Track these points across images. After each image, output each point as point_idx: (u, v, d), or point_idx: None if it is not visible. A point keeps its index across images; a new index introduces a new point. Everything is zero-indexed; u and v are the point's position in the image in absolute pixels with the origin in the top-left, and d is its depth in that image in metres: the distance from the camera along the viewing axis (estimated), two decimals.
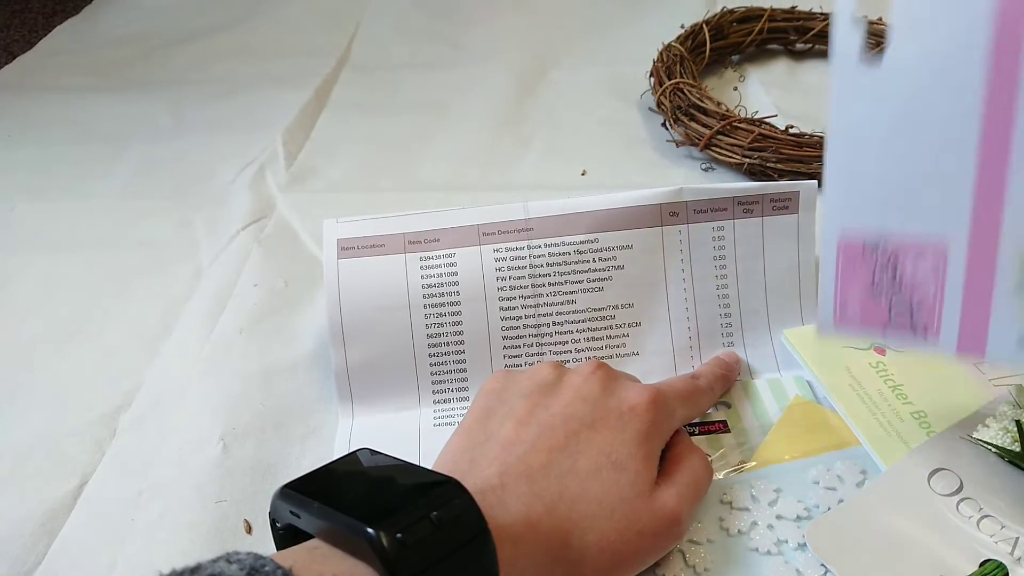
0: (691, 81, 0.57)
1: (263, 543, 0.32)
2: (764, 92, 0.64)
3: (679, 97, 0.57)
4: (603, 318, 0.39)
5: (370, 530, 0.21)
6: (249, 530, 0.33)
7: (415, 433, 0.37)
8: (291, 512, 0.24)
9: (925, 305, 0.26)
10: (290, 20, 0.84)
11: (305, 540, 0.24)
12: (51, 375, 0.43)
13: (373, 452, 0.27)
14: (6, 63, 0.79)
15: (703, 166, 0.55)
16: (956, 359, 0.27)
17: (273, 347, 0.42)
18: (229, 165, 0.60)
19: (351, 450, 0.28)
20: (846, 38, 0.26)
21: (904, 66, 0.25)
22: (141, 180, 0.60)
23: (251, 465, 0.36)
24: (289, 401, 0.39)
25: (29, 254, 0.52)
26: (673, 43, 0.63)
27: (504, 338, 0.39)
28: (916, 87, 0.25)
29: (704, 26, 0.65)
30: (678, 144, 0.57)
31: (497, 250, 0.39)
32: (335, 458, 0.27)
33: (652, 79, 0.62)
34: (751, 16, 0.68)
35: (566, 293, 0.39)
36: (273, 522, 0.26)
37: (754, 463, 0.34)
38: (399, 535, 0.21)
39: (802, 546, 0.30)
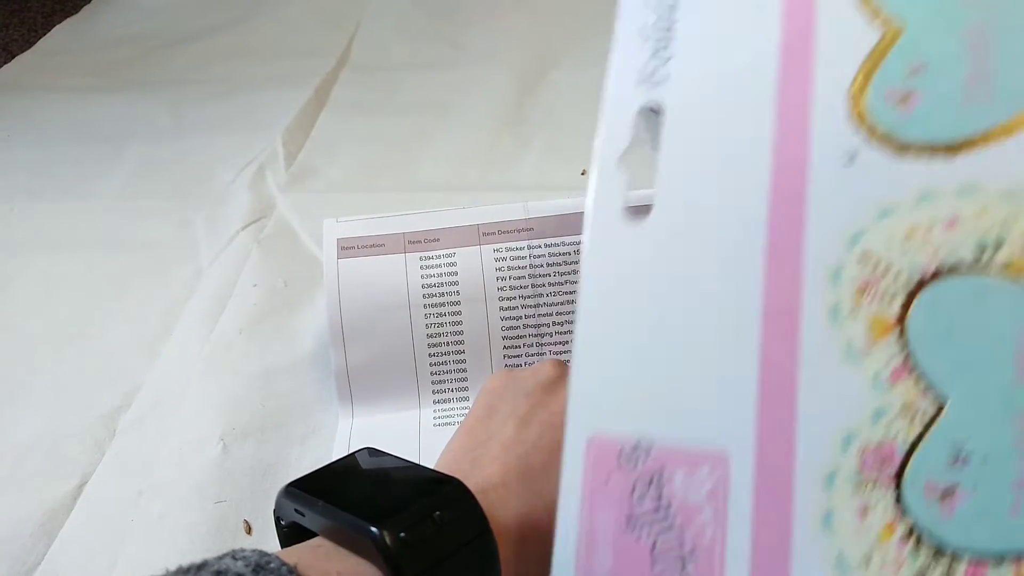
0: None
1: (263, 544, 0.32)
2: None
3: None
4: None
5: (374, 529, 0.21)
6: (249, 531, 0.33)
7: (415, 433, 0.37)
8: (296, 510, 0.24)
9: (700, 549, 0.18)
10: (290, 20, 0.84)
11: (309, 538, 0.24)
12: (51, 375, 0.43)
13: (377, 452, 0.27)
14: (5, 63, 0.79)
15: None
16: None
17: (273, 347, 0.42)
18: (229, 165, 0.60)
19: (351, 450, 0.28)
20: (606, 185, 0.20)
21: (671, 227, 0.19)
22: (141, 180, 0.60)
23: (251, 465, 0.36)
24: (289, 401, 0.39)
25: (29, 254, 0.52)
26: None
27: (504, 338, 0.39)
28: (685, 252, 0.19)
29: None
30: None
31: (497, 250, 0.39)
32: (338, 457, 0.27)
33: None
34: None
35: (566, 293, 0.39)
36: (277, 520, 0.26)
37: None
38: (402, 534, 0.21)
39: None
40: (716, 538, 0.18)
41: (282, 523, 0.26)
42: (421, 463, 0.27)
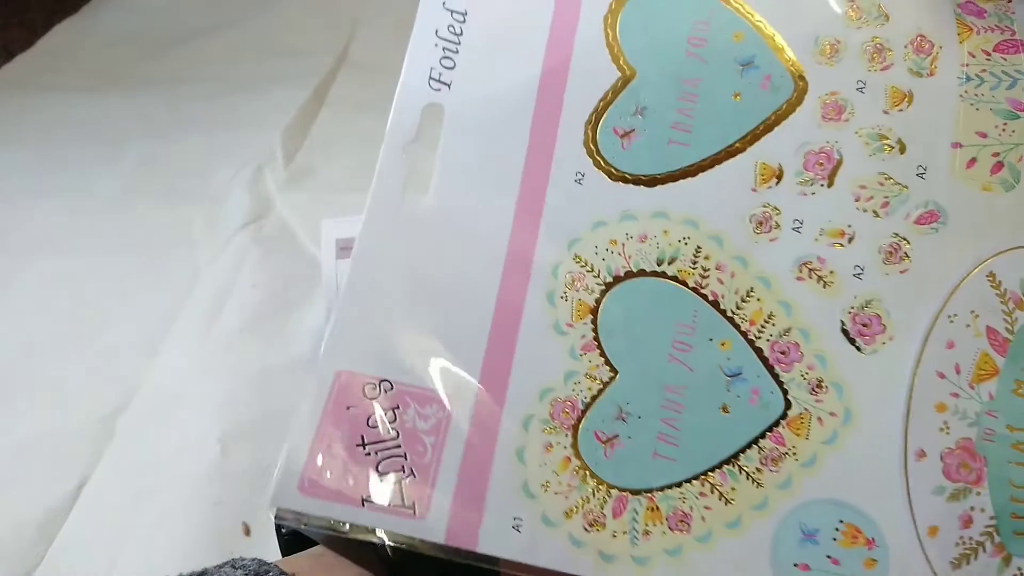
0: None
1: (261, 545, 0.32)
2: None
3: None
4: None
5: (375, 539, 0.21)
6: (247, 532, 0.33)
7: None
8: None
9: (418, 468, 0.21)
10: (289, 19, 0.84)
11: (310, 546, 0.24)
12: (51, 375, 0.43)
13: None
14: (5, 63, 0.79)
15: None
16: (445, 548, 0.21)
17: (272, 347, 0.42)
18: (228, 164, 0.60)
19: None
20: (391, 167, 0.25)
21: (437, 215, 0.24)
22: (140, 180, 0.60)
23: (250, 466, 0.36)
24: (288, 402, 0.39)
25: (29, 254, 0.52)
26: None
27: None
28: (445, 238, 0.24)
29: None
30: None
31: None
32: None
33: None
34: None
35: None
36: (278, 527, 0.26)
37: None
38: (404, 545, 0.21)
39: None
40: (433, 459, 0.22)
41: (283, 530, 0.26)
42: None
